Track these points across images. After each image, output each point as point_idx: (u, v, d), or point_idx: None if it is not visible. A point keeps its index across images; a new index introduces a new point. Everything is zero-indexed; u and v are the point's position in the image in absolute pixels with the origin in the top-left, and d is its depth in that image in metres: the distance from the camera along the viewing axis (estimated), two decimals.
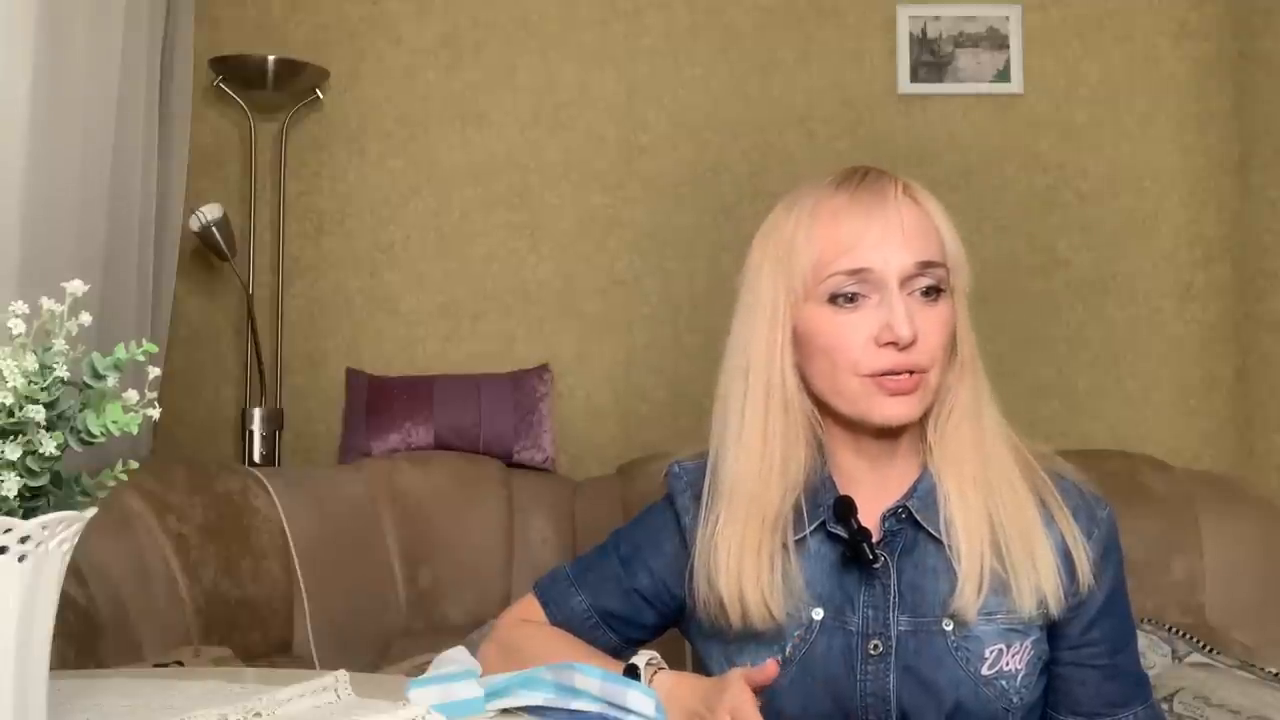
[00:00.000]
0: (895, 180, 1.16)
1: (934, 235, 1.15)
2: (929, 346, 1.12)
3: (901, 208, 1.14)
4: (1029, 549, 1.12)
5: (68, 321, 0.83)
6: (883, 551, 1.14)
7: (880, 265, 1.11)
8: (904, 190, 1.16)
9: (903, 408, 1.12)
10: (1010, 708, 1.14)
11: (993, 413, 1.18)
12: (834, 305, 1.13)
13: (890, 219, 1.12)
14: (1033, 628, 1.15)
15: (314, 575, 2.20)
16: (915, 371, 1.11)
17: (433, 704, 0.97)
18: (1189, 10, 2.90)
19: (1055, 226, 2.89)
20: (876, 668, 1.14)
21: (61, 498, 0.85)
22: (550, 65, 2.88)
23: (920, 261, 1.12)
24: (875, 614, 1.14)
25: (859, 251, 1.12)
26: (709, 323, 2.72)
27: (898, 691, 1.13)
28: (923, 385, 1.12)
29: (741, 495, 1.16)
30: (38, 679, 0.84)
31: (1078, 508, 1.17)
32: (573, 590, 1.27)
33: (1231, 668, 2.16)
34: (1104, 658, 1.17)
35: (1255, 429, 2.81)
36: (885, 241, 1.11)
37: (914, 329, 1.10)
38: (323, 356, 2.83)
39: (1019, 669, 1.14)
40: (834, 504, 1.16)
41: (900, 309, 1.10)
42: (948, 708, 1.13)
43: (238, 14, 2.84)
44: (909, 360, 1.11)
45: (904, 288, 1.12)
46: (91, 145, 1.93)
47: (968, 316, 1.18)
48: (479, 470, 2.60)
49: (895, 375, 1.11)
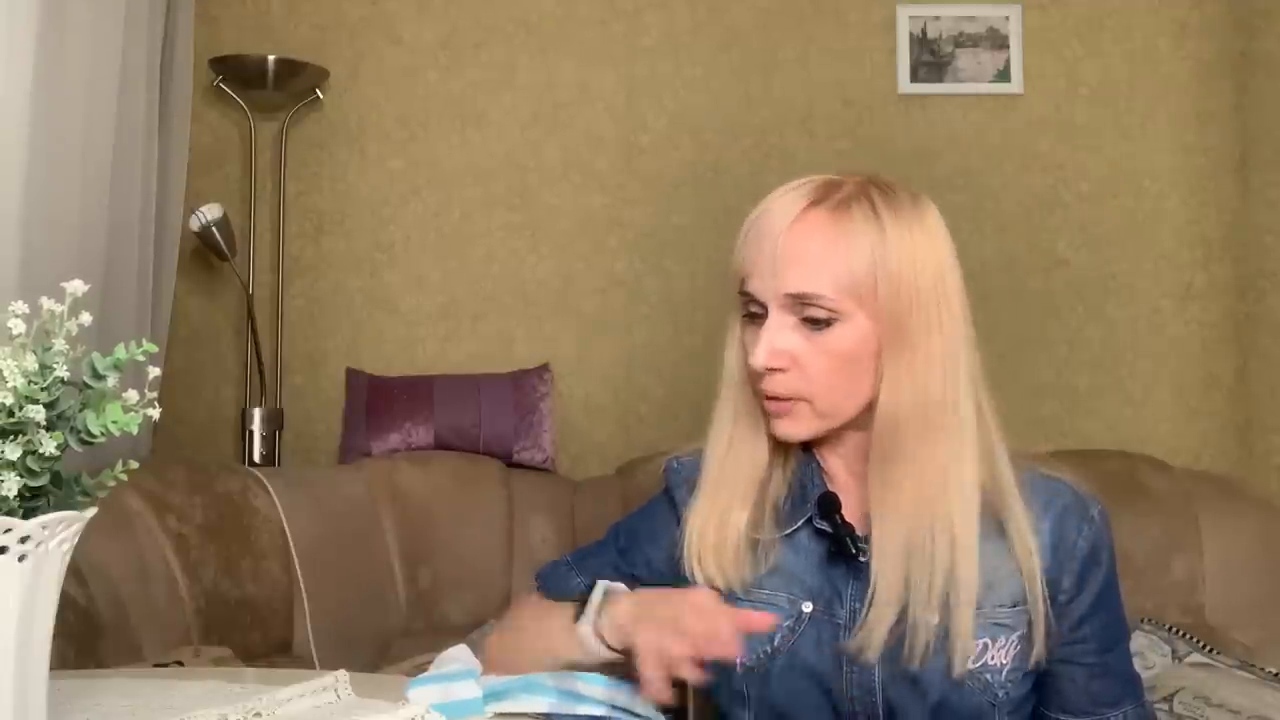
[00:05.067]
0: (801, 201, 1.13)
1: (818, 268, 1.10)
2: (806, 375, 1.12)
3: (788, 235, 1.11)
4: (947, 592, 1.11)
5: (68, 321, 0.83)
6: (867, 546, 1.15)
7: (759, 290, 1.14)
8: (817, 207, 1.12)
9: (784, 428, 1.15)
10: (996, 702, 1.15)
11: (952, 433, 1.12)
12: (745, 320, 1.18)
13: (764, 249, 1.12)
14: (1020, 623, 1.15)
15: (314, 575, 2.20)
16: (784, 399, 1.13)
17: (432, 703, 0.97)
18: (1189, 10, 2.90)
19: (1055, 226, 2.89)
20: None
21: (61, 498, 0.85)
22: (550, 65, 2.88)
23: (788, 294, 1.11)
24: (861, 608, 1.15)
25: (748, 275, 1.15)
26: (709, 323, 2.72)
27: (883, 686, 1.15)
28: (802, 410, 1.14)
29: (729, 492, 1.20)
30: (38, 679, 0.84)
31: (1068, 507, 1.17)
32: (572, 574, 1.29)
33: (1231, 668, 2.16)
34: (1093, 655, 1.18)
35: (1255, 429, 2.81)
36: (761, 268, 1.13)
37: (779, 357, 1.12)
38: (323, 356, 2.83)
39: (1005, 663, 1.15)
40: (818, 500, 1.17)
41: (764, 339, 1.12)
42: (933, 701, 1.14)
43: (237, 14, 2.84)
44: (774, 387, 1.13)
45: (789, 311, 1.13)
46: (91, 145, 1.93)
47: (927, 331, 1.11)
48: (479, 470, 2.60)
49: (772, 400, 1.14)
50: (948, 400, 1.13)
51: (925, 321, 1.12)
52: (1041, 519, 1.16)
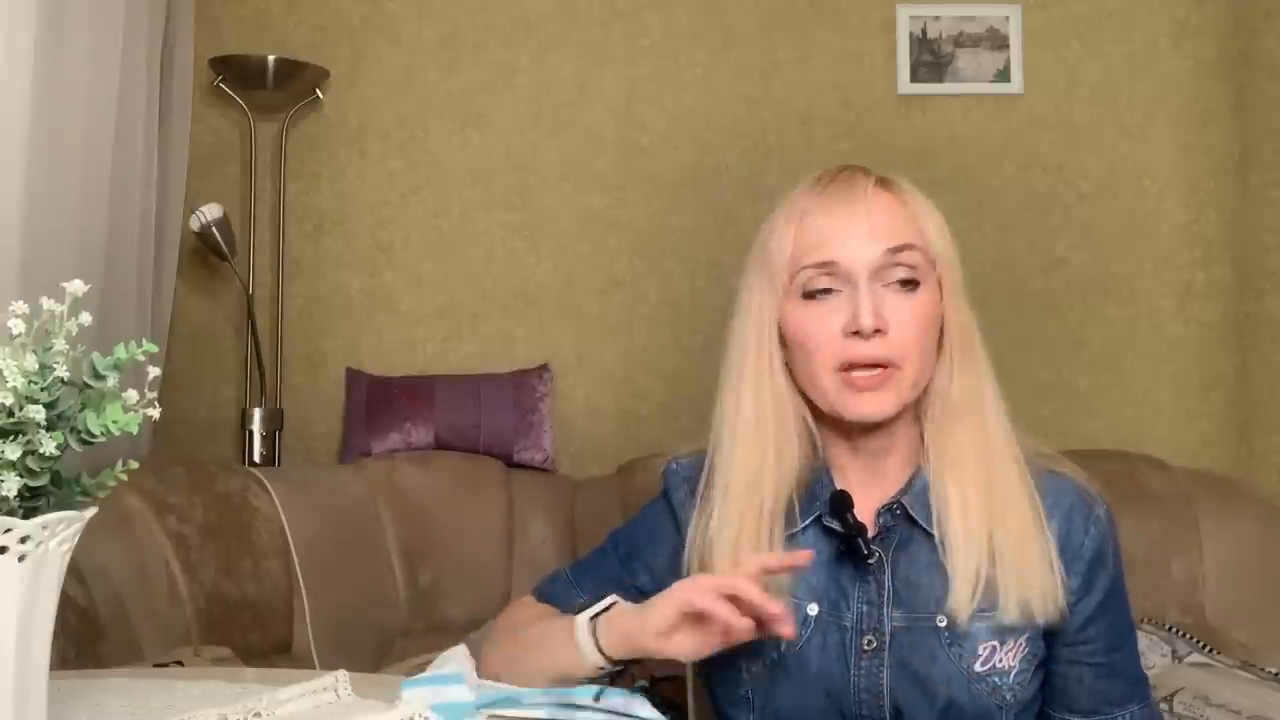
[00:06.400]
0: (868, 175, 1.17)
1: (908, 222, 1.15)
2: (902, 340, 1.12)
3: (871, 199, 1.15)
4: (1021, 559, 1.12)
5: (68, 321, 0.83)
6: (877, 547, 1.14)
7: (846, 258, 1.13)
8: (879, 183, 1.17)
9: (873, 404, 1.13)
10: (1004, 705, 1.14)
11: (996, 412, 1.17)
12: (808, 300, 1.15)
13: (856, 212, 1.14)
14: (1028, 625, 1.15)
15: (314, 575, 2.20)
16: (885, 365, 1.12)
17: (429, 704, 0.97)
18: (1189, 10, 2.90)
19: (1055, 226, 2.89)
20: (870, 663, 1.14)
21: (61, 498, 0.85)
22: (550, 65, 2.88)
23: (890, 248, 1.13)
24: (869, 609, 1.15)
25: (826, 246, 1.14)
26: (709, 323, 2.72)
27: (891, 687, 1.14)
28: (894, 381, 1.13)
29: (736, 491, 1.17)
30: (38, 679, 0.84)
31: (1074, 505, 1.17)
32: (574, 591, 1.27)
33: (1231, 668, 2.16)
34: (1100, 655, 1.18)
35: (1255, 429, 2.81)
36: (851, 234, 1.13)
37: (880, 320, 1.11)
38: (323, 356, 2.83)
39: (1013, 666, 1.14)
40: (830, 499, 1.16)
41: (866, 300, 1.11)
42: (941, 704, 1.13)
43: (238, 14, 2.84)
44: (875, 351, 1.11)
45: (877, 279, 1.13)
46: (91, 145, 1.93)
47: (965, 310, 1.18)
48: (479, 470, 2.60)
49: (865, 371, 1.12)
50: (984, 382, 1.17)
51: (964, 300, 1.18)
52: (1049, 518, 1.15)
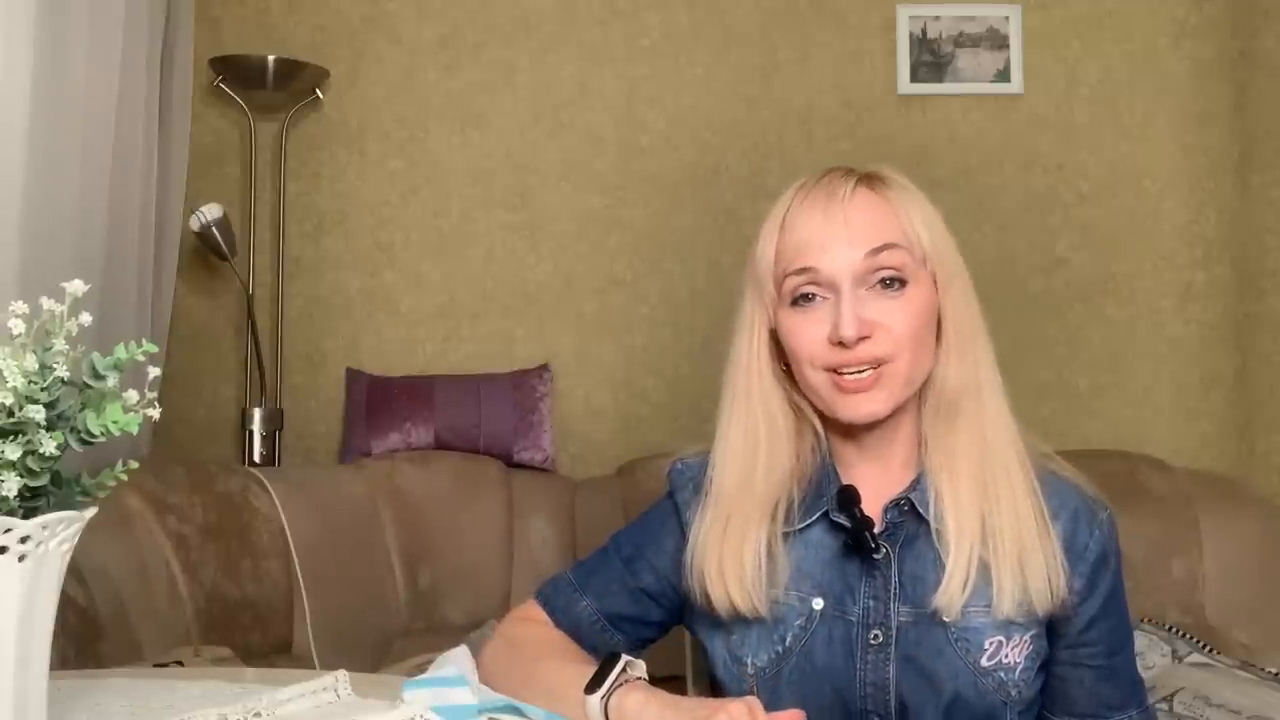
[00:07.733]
0: (850, 176, 1.16)
1: (890, 221, 1.14)
2: (892, 339, 1.12)
3: (850, 203, 1.14)
4: (1019, 553, 1.12)
5: (68, 321, 0.83)
6: (884, 542, 1.14)
7: (827, 265, 1.13)
8: (863, 181, 1.16)
9: (866, 405, 1.13)
10: (1009, 700, 1.14)
11: (996, 403, 1.17)
12: (794, 307, 1.15)
13: (834, 217, 1.13)
14: (1033, 622, 1.15)
15: (314, 575, 2.20)
16: (874, 365, 1.12)
17: (430, 705, 0.97)
18: (1189, 10, 2.90)
19: (1055, 226, 2.89)
20: (876, 658, 1.14)
21: (61, 498, 0.85)
22: (550, 65, 2.88)
23: (870, 250, 1.12)
24: (876, 604, 1.15)
25: (806, 253, 1.14)
26: (709, 323, 2.72)
27: (897, 682, 1.14)
28: (886, 379, 1.12)
29: (725, 495, 1.18)
30: (38, 679, 0.84)
31: (1078, 509, 1.16)
32: (577, 595, 1.26)
33: (1231, 668, 2.16)
34: (1100, 658, 1.17)
35: (1255, 429, 2.81)
36: (830, 241, 1.13)
37: (865, 325, 1.11)
38: (323, 356, 2.83)
39: (1019, 661, 1.14)
40: (837, 494, 1.16)
41: (848, 310, 1.11)
42: (947, 698, 1.13)
43: (238, 14, 2.84)
44: (858, 357, 1.12)
45: (861, 283, 1.13)
46: (91, 145, 1.93)
47: (964, 302, 1.17)
48: (479, 470, 2.60)
49: (854, 374, 1.12)
50: (984, 374, 1.16)
51: (963, 292, 1.16)
52: (1055, 518, 1.15)
